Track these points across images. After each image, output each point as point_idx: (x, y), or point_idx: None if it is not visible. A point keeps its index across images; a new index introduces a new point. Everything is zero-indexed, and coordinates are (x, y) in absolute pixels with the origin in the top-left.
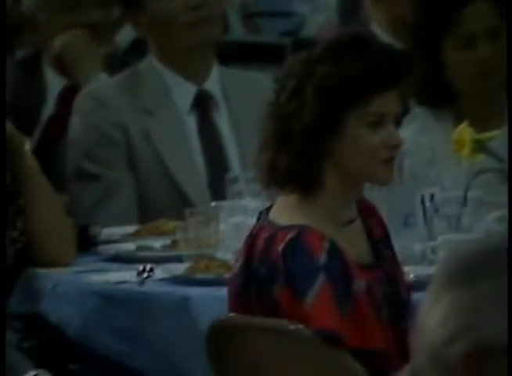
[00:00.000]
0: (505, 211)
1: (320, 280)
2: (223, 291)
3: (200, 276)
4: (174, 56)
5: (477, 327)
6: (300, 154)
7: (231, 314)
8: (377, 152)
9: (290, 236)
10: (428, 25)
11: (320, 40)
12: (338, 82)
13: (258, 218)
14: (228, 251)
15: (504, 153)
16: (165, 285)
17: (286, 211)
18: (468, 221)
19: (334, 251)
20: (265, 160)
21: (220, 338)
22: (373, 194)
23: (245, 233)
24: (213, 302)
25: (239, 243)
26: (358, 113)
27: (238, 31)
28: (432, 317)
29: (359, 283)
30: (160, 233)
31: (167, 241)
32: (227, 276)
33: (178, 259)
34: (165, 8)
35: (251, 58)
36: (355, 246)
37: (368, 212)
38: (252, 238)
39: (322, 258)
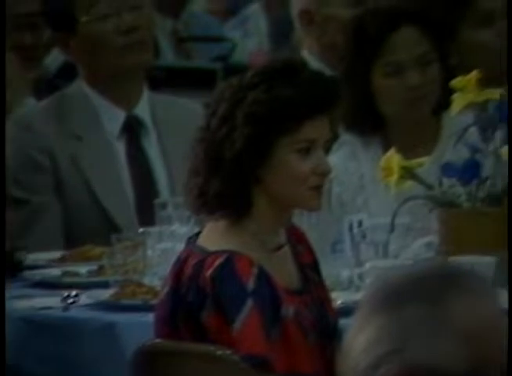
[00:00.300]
0: (432, 238)
1: (248, 306)
2: (150, 317)
3: (126, 301)
4: (104, 80)
5: (405, 352)
6: (230, 180)
7: (157, 340)
8: (307, 179)
9: (218, 262)
10: (357, 52)
11: (251, 66)
12: (269, 108)
13: (187, 244)
14: (156, 276)
15: (432, 180)
16: (91, 311)
17: (215, 237)
18: (395, 247)
19: (263, 276)
20: (194, 186)
21: (146, 363)
22: (301, 220)
23: (173, 259)
24: (139, 328)
25: (166, 269)
26: (289, 139)
27: (169, 56)
28: (359, 342)
29: (288, 309)
30: (86, 259)
31: (94, 267)
32: (154, 301)
33: (105, 285)
34: (96, 31)
35: (182, 83)
36: (283, 272)
37: (297, 238)
38: (180, 264)
39: (251, 283)
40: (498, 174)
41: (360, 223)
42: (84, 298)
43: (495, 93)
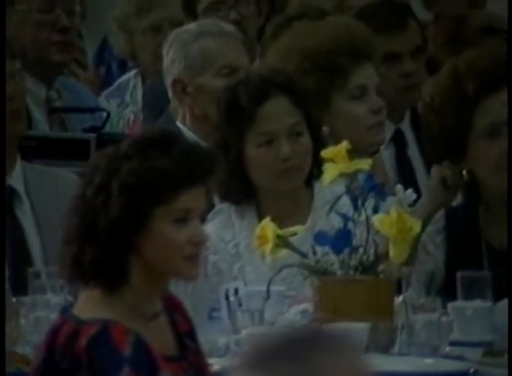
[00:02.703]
0: (307, 305)
1: (125, 373)
2: None
3: None
4: None
5: None
6: (105, 249)
7: None
8: (183, 248)
9: (93, 330)
10: (230, 122)
11: (127, 135)
12: (144, 179)
13: (61, 313)
14: (29, 345)
15: (306, 249)
16: None
17: (89, 306)
18: (271, 314)
19: (139, 344)
20: (69, 255)
21: None
22: (178, 289)
23: (46, 328)
24: None
25: (39, 338)
26: (164, 209)
27: (42, 126)
28: None
29: None
30: None
31: None
32: (27, 370)
33: None
34: None
35: (55, 153)
36: (160, 339)
37: (173, 307)
38: (54, 332)
39: (127, 351)
40: (369, 242)
41: (236, 291)
42: None
43: (365, 164)
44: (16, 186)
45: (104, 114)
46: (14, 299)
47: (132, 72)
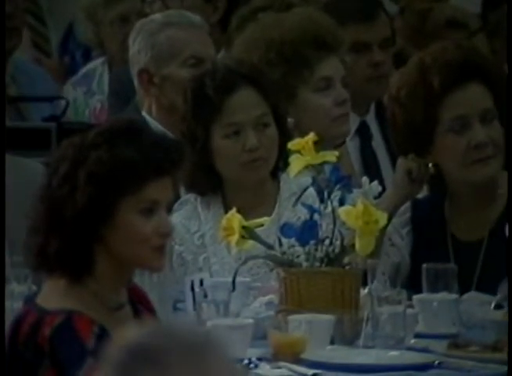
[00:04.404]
0: (273, 297)
1: (88, 365)
2: None
3: None
4: None
5: None
6: (70, 239)
7: None
8: (149, 239)
9: (57, 321)
10: (196, 113)
11: (88, 125)
12: (111, 168)
13: (25, 303)
14: None
15: (272, 240)
16: None
17: (54, 296)
18: (236, 306)
19: (104, 335)
20: (34, 244)
21: None
22: (143, 280)
23: (10, 318)
24: None
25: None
26: (131, 199)
27: None
28: None
29: None
30: None
31: None
32: None
33: None
34: None
35: (15, 143)
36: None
37: (138, 298)
38: (18, 322)
39: (91, 342)
40: (335, 234)
41: (201, 282)
42: None
43: (331, 156)
44: None
45: (63, 103)
46: None
47: (99, 60)
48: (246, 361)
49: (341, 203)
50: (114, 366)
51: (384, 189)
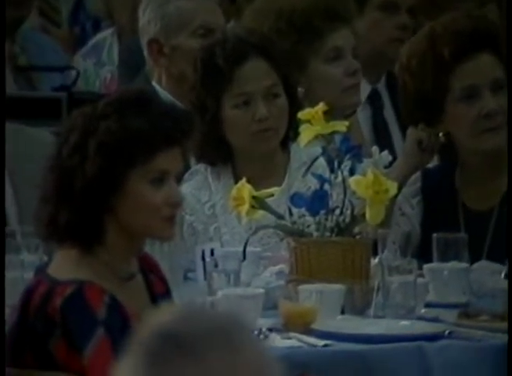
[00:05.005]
0: (283, 267)
1: (99, 335)
2: None
3: None
4: None
5: None
6: (80, 209)
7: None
8: (159, 210)
9: (68, 291)
10: (206, 83)
11: (104, 95)
12: (121, 138)
13: (36, 273)
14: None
15: (282, 210)
16: None
17: (65, 266)
18: (247, 275)
19: (114, 306)
20: (45, 214)
21: None
22: (154, 249)
23: (21, 288)
24: None
25: (15, 298)
26: (141, 169)
27: (9, 85)
28: None
29: None
30: None
31: None
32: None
33: None
34: None
35: (25, 112)
36: (136, 301)
37: (149, 267)
38: (29, 293)
39: (102, 312)
40: (345, 204)
41: (212, 252)
42: None
43: (341, 125)
44: None
45: (74, 73)
46: None
47: (109, 31)
48: (256, 332)
49: (351, 172)
50: (145, 352)
51: (394, 159)
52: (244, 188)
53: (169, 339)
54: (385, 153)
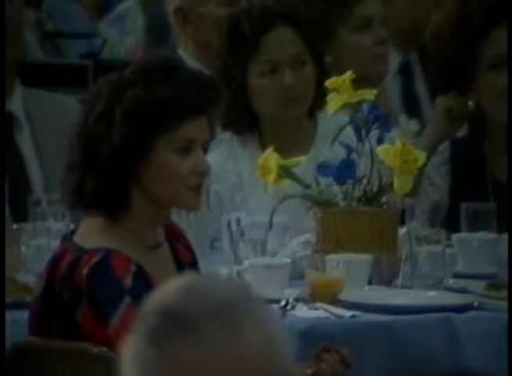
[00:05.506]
0: (310, 236)
1: (125, 303)
2: (23, 315)
3: None
4: None
5: None
6: (106, 177)
7: (31, 337)
8: (185, 179)
9: (95, 259)
10: (232, 51)
11: (125, 62)
12: (147, 106)
13: (62, 241)
14: (30, 273)
15: (309, 179)
16: None
17: (91, 234)
18: (273, 245)
19: (140, 274)
20: (71, 182)
21: (19, 361)
22: (180, 218)
23: (47, 256)
24: (13, 326)
25: (41, 266)
26: (167, 138)
27: (34, 49)
28: None
29: None
30: None
31: None
32: (28, 299)
33: None
34: None
35: (51, 79)
36: (162, 270)
37: (175, 236)
38: (55, 261)
39: (128, 281)
40: (373, 173)
41: (238, 221)
42: None
43: (370, 94)
44: (15, 111)
45: (100, 40)
46: (15, 226)
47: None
48: (283, 302)
49: (379, 142)
50: (147, 329)
51: (424, 128)
52: (271, 157)
53: (170, 316)
54: (413, 121)
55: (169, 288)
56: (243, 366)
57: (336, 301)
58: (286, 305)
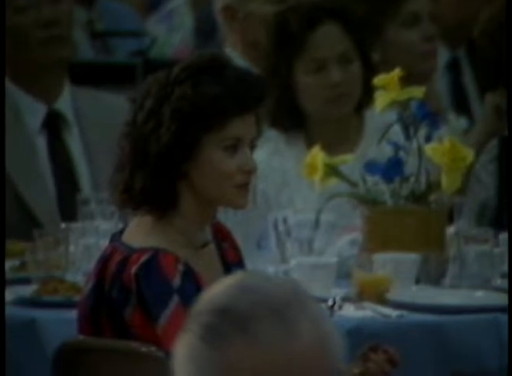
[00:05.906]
0: (357, 235)
1: (174, 303)
2: (72, 314)
3: (48, 298)
4: (24, 74)
5: None
6: (155, 175)
7: (79, 337)
8: (233, 177)
9: (143, 258)
10: (280, 49)
11: (176, 61)
12: (195, 104)
13: (111, 240)
14: (78, 272)
15: (356, 177)
16: (13, 307)
17: (140, 233)
18: (320, 244)
19: (189, 273)
20: (120, 181)
21: (68, 360)
22: (227, 217)
23: (96, 255)
24: (61, 325)
25: (89, 265)
26: (215, 136)
27: (84, 48)
28: None
29: None
30: (8, 254)
31: (16, 263)
32: (76, 298)
33: (27, 281)
34: (16, 24)
35: (100, 78)
36: (209, 269)
37: (222, 236)
38: (104, 260)
39: (177, 280)
40: (421, 172)
41: (285, 220)
42: (7, 293)
43: (418, 92)
44: (64, 110)
45: (149, 39)
46: (63, 225)
47: None
48: (330, 302)
49: (428, 139)
50: (201, 327)
51: (473, 126)
52: (318, 155)
53: (224, 314)
54: (462, 119)
55: (221, 287)
56: (298, 364)
57: (383, 301)
58: (333, 305)
